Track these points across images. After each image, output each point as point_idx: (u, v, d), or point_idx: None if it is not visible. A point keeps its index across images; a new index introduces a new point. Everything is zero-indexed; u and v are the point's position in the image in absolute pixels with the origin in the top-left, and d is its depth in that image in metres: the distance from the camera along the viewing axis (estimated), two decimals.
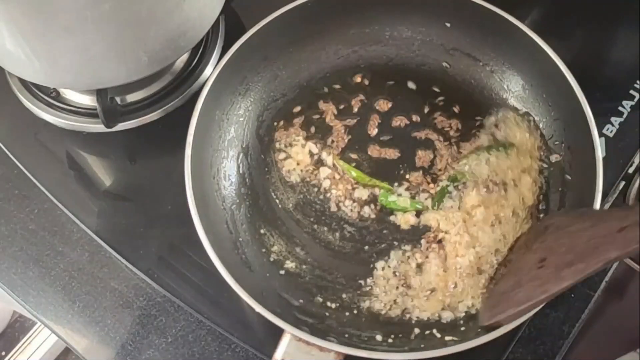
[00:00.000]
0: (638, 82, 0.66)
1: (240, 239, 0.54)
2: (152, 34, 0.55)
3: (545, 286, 0.45)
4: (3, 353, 1.25)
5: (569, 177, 0.55)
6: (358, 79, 0.63)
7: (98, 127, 0.61)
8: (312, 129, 0.61)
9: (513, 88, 0.61)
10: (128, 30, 0.53)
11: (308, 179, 0.58)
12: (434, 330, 0.50)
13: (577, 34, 0.71)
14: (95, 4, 0.49)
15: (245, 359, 0.54)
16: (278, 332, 0.46)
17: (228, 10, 0.65)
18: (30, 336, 1.25)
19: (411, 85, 0.63)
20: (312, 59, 0.63)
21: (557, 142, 0.57)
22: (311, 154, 0.59)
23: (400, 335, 0.50)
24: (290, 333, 0.45)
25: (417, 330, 0.50)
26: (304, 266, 0.54)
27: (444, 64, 0.63)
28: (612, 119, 0.64)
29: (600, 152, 0.51)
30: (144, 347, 0.55)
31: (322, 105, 0.62)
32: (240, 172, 0.58)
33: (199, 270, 0.55)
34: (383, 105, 0.62)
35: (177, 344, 0.55)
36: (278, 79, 0.62)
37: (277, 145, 0.60)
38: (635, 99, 0.66)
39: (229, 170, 0.58)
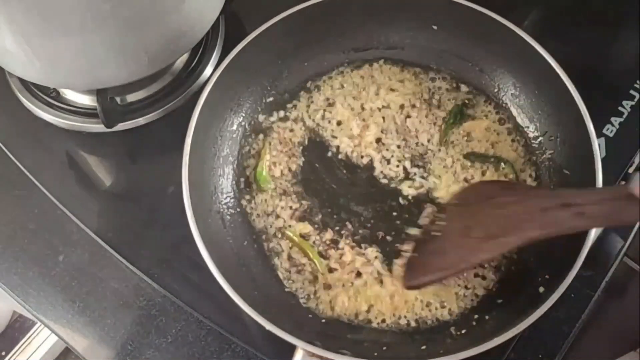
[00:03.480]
0: (638, 82, 0.66)
1: (244, 257, 0.54)
2: (152, 34, 0.55)
3: (467, 256, 0.48)
4: (3, 353, 1.25)
5: (567, 172, 0.55)
6: None
7: (98, 127, 0.61)
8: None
9: (504, 86, 0.61)
10: (128, 30, 0.53)
11: None
12: (446, 333, 0.50)
13: (577, 34, 0.71)
14: (95, 5, 0.49)
15: (245, 359, 0.54)
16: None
17: (228, 10, 0.65)
18: (30, 336, 1.25)
19: None
20: (300, 69, 0.62)
21: (552, 138, 0.57)
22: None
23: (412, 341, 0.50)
24: (302, 349, 0.45)
25: (428, 335, 0.51)
26: None
27: (433, 65, 0.63)
28: (612, 119, 0.64)
29: (596, 144, 0.51)
30: (144, 347, 0.55)
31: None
32: (237, 188, 0.58)
33: (199, 271, 0.54)
34: None
35: (177, 344, 0.55)
36: (268, 94, 0.61)
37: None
38: (635, 99, 0.66)
39: (226, 187, 0.57)
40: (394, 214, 0.56)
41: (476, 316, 0.51)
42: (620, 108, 0.65)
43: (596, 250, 0.54)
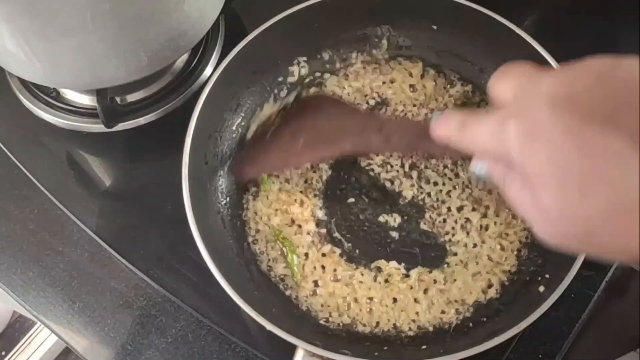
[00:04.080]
0: None
1: (244, 257, 0.54)
2: (152, 34, 0.55)
3: (289, 160, 0.55)
4: (3, 353, 1.25)
5: None
6: None
7: (98, 127, 0.61)
8: None
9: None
10: (128, 30, 0.53)
11: None
12: (446, 333, 0.51)
13: (577, 34, 0.71)
14: (95, 4, 0.49)
15: (245, 359, 0.54)
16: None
17: (228, 10, 0.65)
18: (30, 336, 1.25)
19: None
20: (300, 69, 0.62)
21: None
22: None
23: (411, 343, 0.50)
24: (303, 349, 0.45)
25: (428, 336, 0.51)
26: None
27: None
28: None
29: None
30: (144, 347, 0.55)
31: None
32: (237, 188, 0.58)
33: (199, 270, 0.55)
34: None
35: (177, 344, 0.55)
36: (268, 94, 0.61)
37: None
38: None
39: (226, 187, 0.57)
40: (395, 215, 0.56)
41: (476, 317, 0.51)
42: None
43: None
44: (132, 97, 0.64)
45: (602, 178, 0.27)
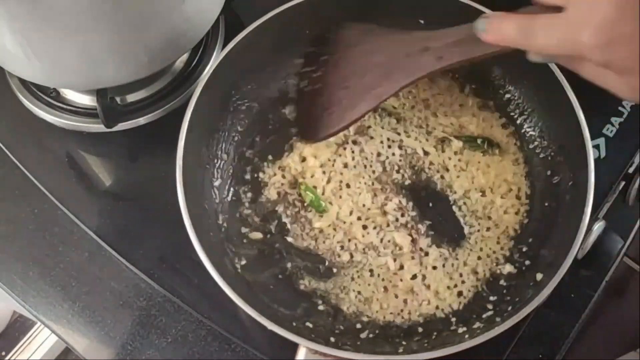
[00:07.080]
0: None
1: (242, 255, 0.54)
2: (152, 34, 0.55)
3: (348, 112, 0.50)
4: (3, 353, 1.25)
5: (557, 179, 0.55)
6: None
7: (98, 127, 0.61)
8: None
9: (500, 86, 0.61)
10: (128, 30, 0.53)
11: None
12: (449, 326, 0.51)
13: None
14: (96, 5, 0.49)
15: (245, 359, 0.54)
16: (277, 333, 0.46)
17: (228, 10, 0.65)
18: (30, 336, 1.25)
19: None
20: (289, 68, 0.61)
21: (545, 138, 0.57)
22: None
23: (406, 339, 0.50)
24: (306, 347, 0.45)
25: (430, 328, 0.51)
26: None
27: None
28: (612, 119, 0.64)
29: (590, 146, 0.51)
30: (144, 347, 0.55)
31: None
32: (234, 190, 0.58)
33: (199, 270, 0.54)
34: None
35: (177, 344, 0.55)
36: (262, 94, 0.61)
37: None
38: None
39: (223, 189, 0.57)
40: None
41: (477, 308, 0.51)
42: (620, 108, 0.65)
43: (596, 250, 0.54)
44: (132, 97, 0.64)
45: None
